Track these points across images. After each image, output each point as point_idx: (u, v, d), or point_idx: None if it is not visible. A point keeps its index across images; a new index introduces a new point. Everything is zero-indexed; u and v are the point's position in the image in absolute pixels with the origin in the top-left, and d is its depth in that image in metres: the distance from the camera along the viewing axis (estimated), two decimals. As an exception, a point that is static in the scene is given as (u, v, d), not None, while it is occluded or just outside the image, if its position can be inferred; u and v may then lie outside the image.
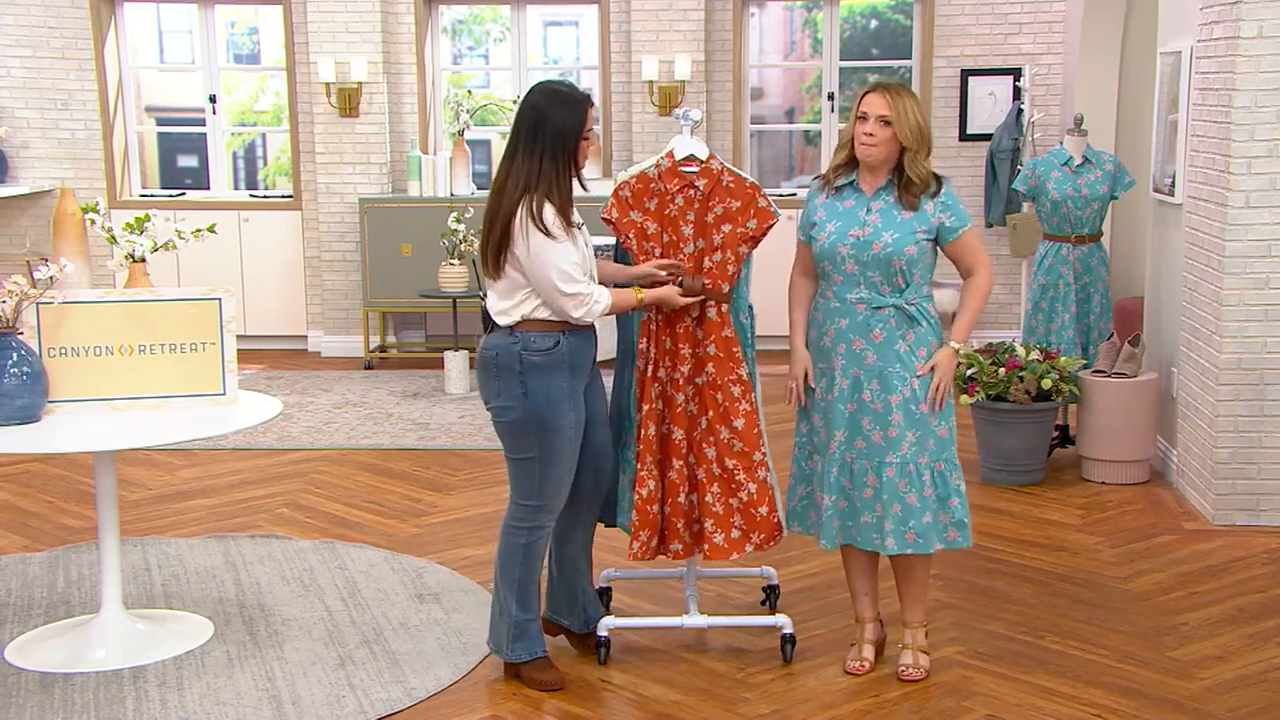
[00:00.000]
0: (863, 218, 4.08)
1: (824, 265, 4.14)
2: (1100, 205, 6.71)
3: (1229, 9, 5.55)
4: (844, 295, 4.10)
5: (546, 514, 4.12)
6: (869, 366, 4.08)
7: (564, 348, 4.02)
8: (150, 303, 4.52)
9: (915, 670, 4.21)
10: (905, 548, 4.07)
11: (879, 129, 4.03)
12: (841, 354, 4.11)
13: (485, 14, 10.51)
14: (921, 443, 4.06)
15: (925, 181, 4.07)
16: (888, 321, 4.07)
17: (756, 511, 4.24)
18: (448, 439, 7.30)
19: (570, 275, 3.94)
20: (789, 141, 10.76)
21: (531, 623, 4.18)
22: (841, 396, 4.11)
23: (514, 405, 4.01)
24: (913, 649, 4.26)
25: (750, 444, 4.23)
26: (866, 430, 4.08)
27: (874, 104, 4.04)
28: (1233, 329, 5.61)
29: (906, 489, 4.05)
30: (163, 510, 6.09)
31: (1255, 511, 5.67)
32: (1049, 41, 9.44)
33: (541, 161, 3.94)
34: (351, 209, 9.57)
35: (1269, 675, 4.24)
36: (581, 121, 3.97)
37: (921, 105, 4.09)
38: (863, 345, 4.08)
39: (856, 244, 4.06)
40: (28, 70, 9.75)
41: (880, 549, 4.10)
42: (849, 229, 4.07)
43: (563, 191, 3.97)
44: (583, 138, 3.98)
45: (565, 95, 3.98)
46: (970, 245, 4.12)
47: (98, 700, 4.09)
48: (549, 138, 3.94)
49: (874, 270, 4.06)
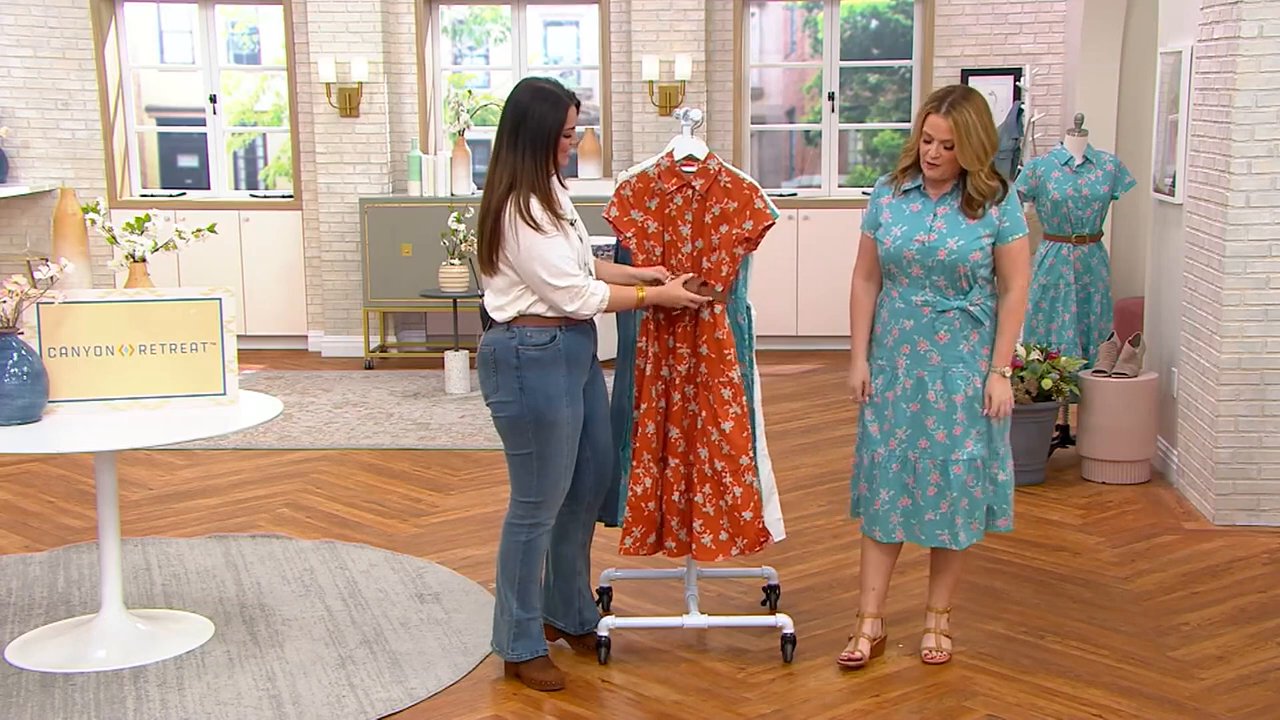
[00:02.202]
0: (929, 223, 4.11)
1: (889, 268, 4.18)
2: (1101, 205, 6.71)
3: (1229, 9, 5.55)
4: (909, 297, 4.14)
5: (545, 511, 4.12)
6: (933, 367, 4.13)
7: (561, 343, 4.02)
8: (151, 303, 4.52)
9: (939, 654, 4.31)
10: (973, 538, 4.19)
11: (943, 152, 4.04)
12: (906, 354, 4.16)
13: (485, 14, 10.51)
14: (984, 438, 4.15)
15: (988, 196, 4.09)
16: (953, 324, 4.12)
17: (740, 516, 4.25)
18: (448, 439, 7.30)
19: (561, 269, 3.94)
20: (789, 141, 10.76)
21: (532, 622, 4.18)
22: (904, 395, 4.17)
23: (511, 400, 4.02)
24: (936, 633, 4.36)
25: (737, 448, 4.23)
26: (930, 430, 4.14)
27: (937, 128, 4.03)
28: (1233, 329, 5.61)
29: (974, 484, 4.14)
30: (163, 510, 6.09)
31: (1256, 511, 5.67)
32: (1049, 41, 9.44)
33: (524, 157, 3.95)
34: (352, 209, 9.58)
35: (1269, 675, 4.24)
36: (562, 119, 3.97)
37: (986, 111, 4.05)
38: (927, 347, 4.14)
39: (922, 249, 4.09)
40: (28, 70, 9.75)
41: (951, 544, 4.19)
42: (915, 234, 4.11)
43: (546, 186, 3.98)
44: (564, 135, 3.99)
45: (548, 92, 3.99)
46: (1016, 256, 4.13)
47: (98, 700, 4.09)
48: (529, 133, 3.95)
49: (939, 275, 4.10)
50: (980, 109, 4.04)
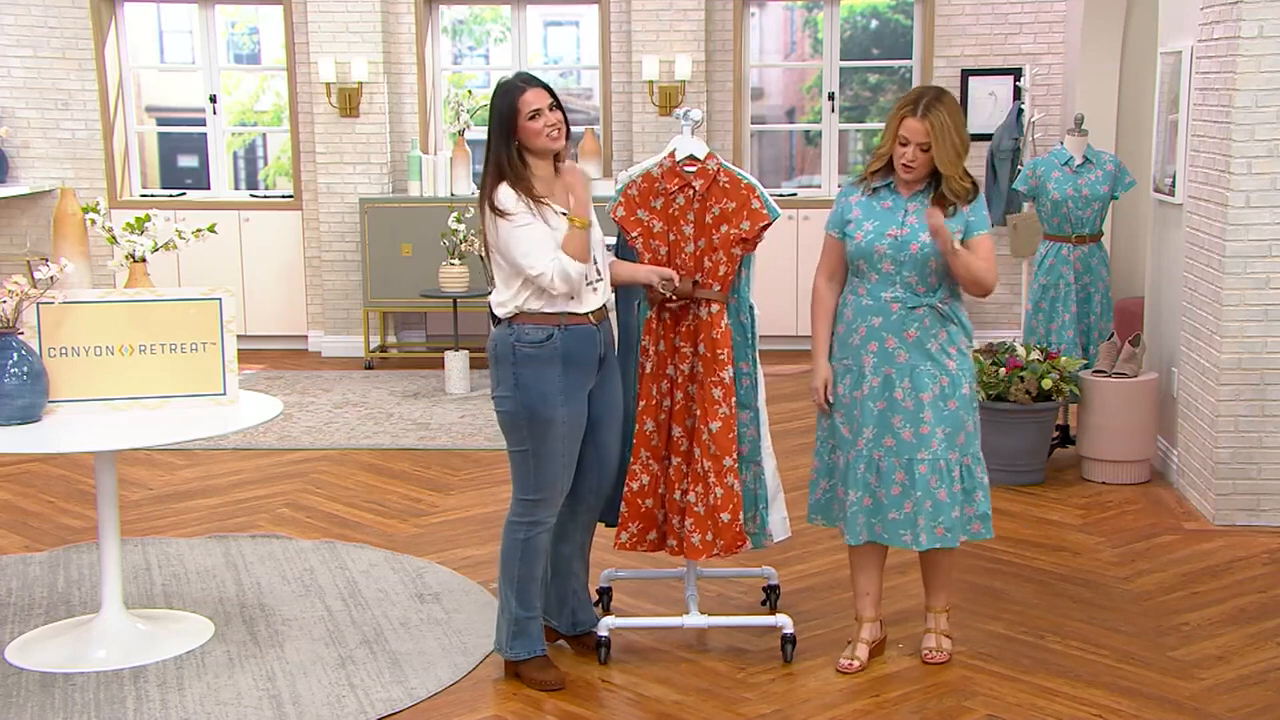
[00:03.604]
0: (900, 218, 4.10)
1: (859, 263, 4.16)
2: (1101, 205, 6.71)
3: (1229, 9, 5.55)
4: (878, 294, 4.12)
5: (544, 509, 4.13)
6: (901, 365, 4.11)
7: (558, 342, 4.03)
8: (151, 303, 4.52)
9: (939, 653, 4.30)
10: (935, 542, 4.13)
11: (919, 154, 4.04)
12: (873, 352, 4.13)
13: (485, 14, 10.50)
14: (951, 439, 4.10)
15: (962, 198, 4.09)
16: (921, 321, 4.10)
17: (719, 517, 4.25)
18: (448, 439, 7.30)
19: (528, 253, 3.95)
20: (789, 141, 10.76)
21: (531, 621, 4.19)
22: (871, 394, 4.14)
23: (508, 396, 4.06)
24: (936, 633, 4.34)
25: (722, 448, 4.24)
26: (897, 428, 4.11)
27: (914, 130, 4.02)
28: (1233, 329, 5.61)
29: (937, 485, 4.10)
30: (163, 510, 6.09)
31: (1256, 511, 5.67)
32: (1049, 41, 9.44)
33: (493, 153, 4.03)
34: (352, 209, 9.57)
35: (1269, 675, 4.24)
36: (514, 102, 4.00)
37: (959, 111, 4.06)
38: (895, 344, 4.11)
39: (894, 243, 4.08)
40: (28, 70, 9.75)
41: (913, 545, 4.14)
42: (886, 228, 4.10)
43: (515, 171, 4.00)
44: (527, 119, 3.99)
45: (503, 84, 4.06)
46: (984, 250, 4.11)
47: (98, 700, 4.09)
48: (495, 125, 4.03)
49: (910, 270, 4.08)
50: (953, 110, 4.04)
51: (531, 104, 4.01)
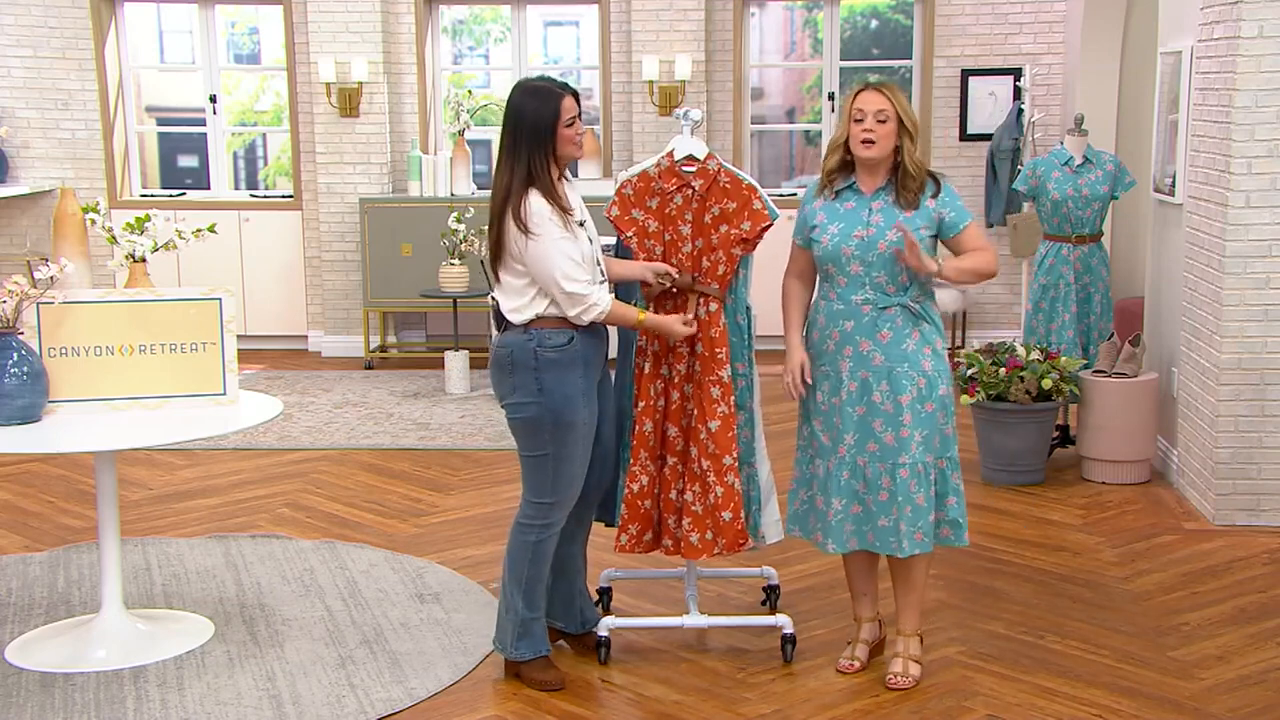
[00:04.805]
0: (865, 218, 4.07)
1: (827, 268, 4.13)
2: (1101, 205, 6.71)
3: (1229, 9, 5.55)
4: (848, 297, 4.09)
5: (559, 511, 4.12)
6: (877, 367, 4.07)
7: (579, 344, 4.02)
8: (150, 303, 4.52)
9: (904, 679, 4.16)
10: (915, 548, 4.08)
11: (877, 126, 4.03)
12: (849, 356, 4.09)
13: (485, 14, 10.51)
14: (928, 441, 4.06)
15: (921, 175, 4.08)
16: (894, 321, 4.07)
17: (720, 516, 4.24)
18: (448, 439, 7.30)
19: (568, 273, 3.93)
20: (789, 141, 10.76)
21: (536, 621, 4.18)
22: (850, 399, 4.09)
23: (530, 401, 4.00)
24: (904, 657, 4.22)
25: (721, 447, 4.23)
26: (878, 433, 4.07)
27: (870, 101, 4.05)
28: (1233, 329, 5.61)
29: (916, 489, 4.06)
30: (163, 510, 6.09)
31: (1256, 511, 5.67)
32: (1049, 41, 9.44)
33: (523, 158, 3.94)
34: (352, 209, 9.58)
35: (1269, 675, 4.24)
36: (555, 110, 3.94)
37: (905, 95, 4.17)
38: (870, 346, 4.07)
39: (861, 244, 4.05)
40: (28, 70, 9.75)
41: (898, 552, 4.09)
42: (852, 230, 4.07)
43: (549, 183, 3.95)
44: (565, 126, 3.96)
45: (539, 88, 3.98)
46: (974, 236, 4.12)
47: (98, 700, 4.09)
48: (527, 132, 3.94)
49: (879, 270, 4.06)
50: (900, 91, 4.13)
51: (570, 110, 3.97)
